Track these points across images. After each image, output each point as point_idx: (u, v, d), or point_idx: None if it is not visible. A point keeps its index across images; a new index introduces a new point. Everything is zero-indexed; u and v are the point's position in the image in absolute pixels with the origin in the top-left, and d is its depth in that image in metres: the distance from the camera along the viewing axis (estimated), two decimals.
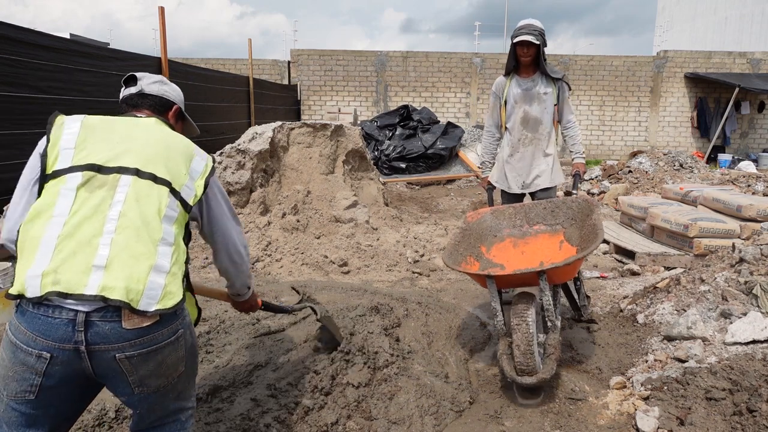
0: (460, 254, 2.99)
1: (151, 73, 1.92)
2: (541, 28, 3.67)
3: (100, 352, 1.41)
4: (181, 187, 1.62)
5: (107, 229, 1.46)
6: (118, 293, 1.39)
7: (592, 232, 2.90)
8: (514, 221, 3.40)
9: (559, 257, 3.11)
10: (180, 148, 1.70)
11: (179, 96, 1.94)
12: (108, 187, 1.52)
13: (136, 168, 1.56)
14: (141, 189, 1.54)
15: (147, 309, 1.42)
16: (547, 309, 2.65)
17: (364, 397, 2.48)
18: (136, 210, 1.51)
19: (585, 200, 3.30)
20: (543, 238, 3.30)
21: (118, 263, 1.43)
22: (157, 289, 1.45)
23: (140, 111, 1.82)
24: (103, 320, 1.40)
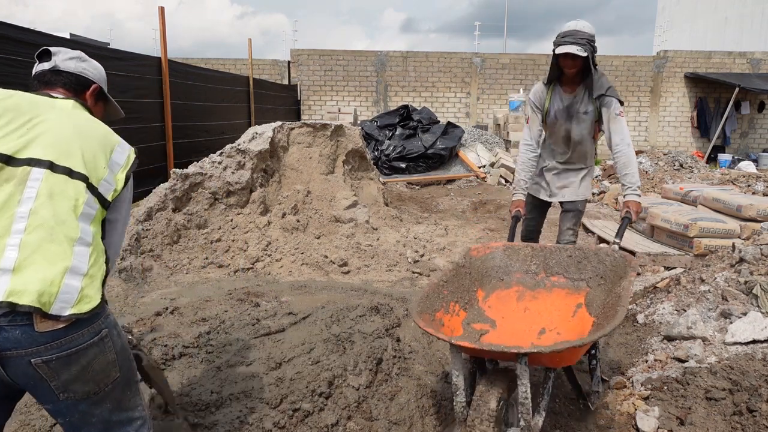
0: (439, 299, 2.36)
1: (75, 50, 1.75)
2: (589, 35, 3.07)
3: (13, 358, 1.29)
4: (99, 182, 1.47)
5: (16, 228, 1.32)
6: (27, 298, 1.26)
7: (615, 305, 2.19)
8: (529, 265, 2.75)
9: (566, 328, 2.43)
10: (99, 137, 1.54)
11: (100, 74, 1.76)
12: (17, 181, 1.36)
13: (49, 161, 1.40)
14: (55, 184, 1.39)
15: (60, 313, 1.30)
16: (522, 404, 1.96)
17: (365, 397, 2.48)
18: (50, 207, 1.36)
19: (623, 257, 2.58)
20: (558, 295, 2.63)
21: (28, 266, 1.29)
22: (72, 293, 1.32)
23: (54, 89, 1.64)
24: (12, 325, 1.27)
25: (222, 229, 5.11)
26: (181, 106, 7.05)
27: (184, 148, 7.03)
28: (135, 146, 1.74)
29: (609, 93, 3.18)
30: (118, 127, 2.13)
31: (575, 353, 2.05)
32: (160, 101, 6.51)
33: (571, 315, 2.49)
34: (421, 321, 2.07)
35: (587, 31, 3.07)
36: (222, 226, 5.12)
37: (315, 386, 2.44)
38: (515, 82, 15.49)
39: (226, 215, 5.20)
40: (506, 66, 15.61)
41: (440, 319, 2.29)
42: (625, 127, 3.20)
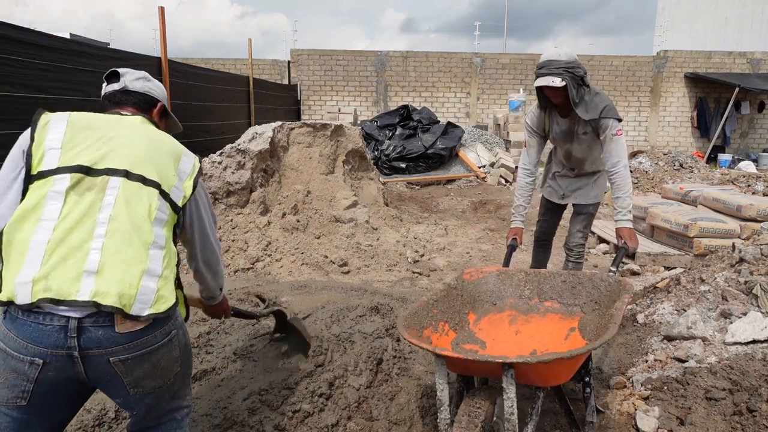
0: (428, 317, 2.33)
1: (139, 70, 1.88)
2: (566, 62, 3.00)
3: (93, 357, 1.40)
4: (170, 189, 1.59)
5: (98, 233, 1.44)
6: (110, 299, 1.38)
7: (607, 324, 2.17)
8: (523, 291, 2.74)
9: (558, 349, 2.40)
10: (167, 148, 1.66)
11: (163, 93, 1.90)
12: (97, 189, 1.49)
13: (125, 170, 1.53)
14: (131, 191, 1.51)
15: (140, 314, 1.41)
16: (507, 419, 1.86)
17: (365, 398, 2.48)
18: (126, 213, 1.48)
19: (618, 281, 2.55)
20: (551, 320, 2.62)
21: (109, 268, 1.41)
22: (149, 294, 1.44)
23: (124, 108, 1.77)
24: (96, 325, 1.38)
25: (222, 229, 5.11)
26: (181, 106, 7.05)
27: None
28: None
29: (604, 114, 3.10)
30: None
31: (564, 369, 1.99)
32: None
33: (563, 339, 2.47)
34: (406, 334, 2.03)
35: (563, 59, 3.01)
36: (222, 226, 5.13)
37: (315, 387, 2.44)
38: (515, 82, 15.49)
39: (226, 215, 5.20)
40: (506, 66, 15.61)
41: (428, 336, 2.25)
42: (622, 146, 3.14)
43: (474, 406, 1.96)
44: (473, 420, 1.90)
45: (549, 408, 2.58)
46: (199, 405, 2.32)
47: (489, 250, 5.77)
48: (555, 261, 5.42)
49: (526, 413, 2.16)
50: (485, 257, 5.51)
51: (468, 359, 1.89)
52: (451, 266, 5.16)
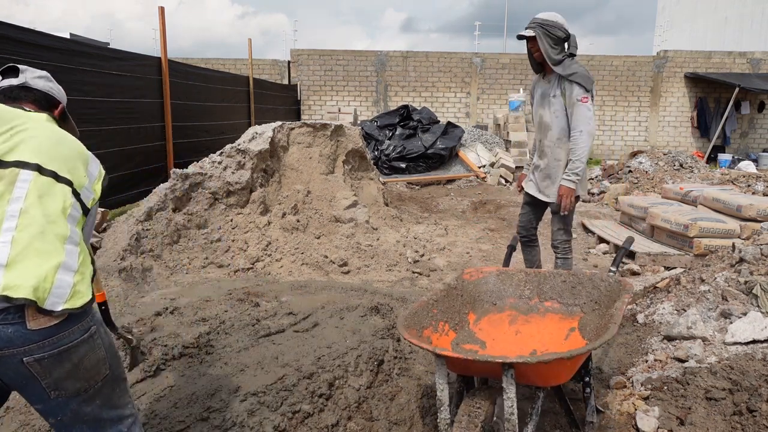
0: (428, 317, 2.33)
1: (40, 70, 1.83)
2: (543, 20, 3.36)
3: (5, 357, 1.31)
4: (81, 189, 1.54)
5: (7, 226, 1.35)
6: (23, 291, 1.29)
7: (607, 323, 2.19)
8: (523, 291, 2.74)
9: (557, 351, 2.38)
10: (76, 149, 1.61)
11: (63, 95, 1.84)
12: (6, 182, 1.40)
13: (36, 163, 1.45)
14: (43, 186, 1.44)
15: (53, 308, 1.33)
16: (507, 419, 1.85)
17: (365, 398, 2.48)
18: (40, 207, 1.41)
19: (618, 281, 2.56)
20: (551, 320, 2.61)
21: (21, 261, 1.33)
22: (65, 288, 1.36)
23: (24, 104, 1.69)
24: (4, 323, 1.30)
25: (222, 229, 5.11)
26: (181, 106, 7.06)
27: (184, 148, 7.03)
28: (135, 146, 1.81)
29: (573, 78, 3.33)
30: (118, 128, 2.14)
31: (564, 369, 1.99)
32: (160, 101, 6.51)
33: (563, 339, 2.47)
34: (406, 334, 2.03)
35: (542, 17, 3.40)
36: (222, 226, 5.12)
37: (315, 387, 2.44)
38: (515, 82, 15.49)
39: (226, 215, 5.20)
40: (506, 66, 15.60)
41: (428, 336, 2.25)
42: (584, 114, 3.32)
43: (474, 406, 1.96)
44: (473, 420, 1.90)
45: (549, 408, 2.58)
46: (198, 407, 2.32)
47: (489, 250, 5.77)
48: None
49: (526, 413, 2.16)
50: (485, 257, 5.51)
51: (468, 359, 1.89)
52: (451, 266, 5.16)
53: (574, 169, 3.36)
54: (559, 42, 3.39)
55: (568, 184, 3.37)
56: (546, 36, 3.37)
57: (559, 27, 3.39)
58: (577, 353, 1.85)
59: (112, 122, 5.61)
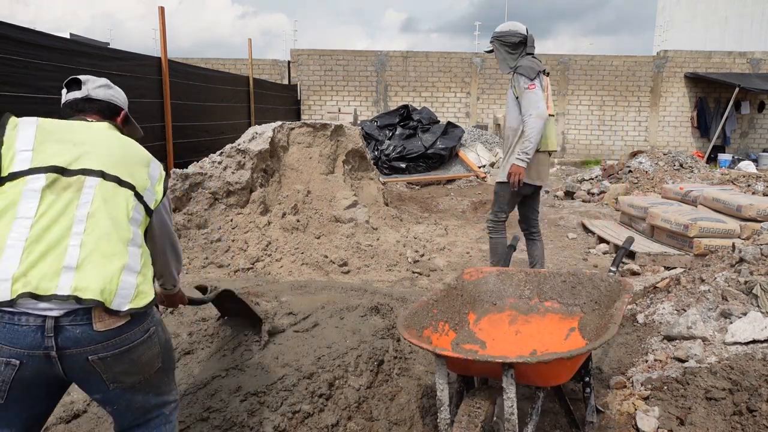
0: (428, 317, 2.33)
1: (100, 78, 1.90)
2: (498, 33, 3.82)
3: (71, 356, 1.40)
4: (143, 191, 1.62)
5: (76, 230, 1.45)
6: (91, 293, 1.38)
7: (607, 323, 2.20)
8: (523, 291, 2.75)
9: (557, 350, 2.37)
10: (138, 153, 1.70)
11: (124, 100, 1.92)
12: (74, 188, 1.50)
13: (100, 170, 1.55)
14: (107, 191, 1.53)
15: (120, 308, 1.42)
16: (507, 419, 1.85)
17: (365, 398, 2.48)
18: (104, 211, 1.50)
19: (618, 281, 2.56)
20: (551, 320, 2.61)
21: (89, 264, 1.42)
22: (129, 289, 1.45)
23: (88, 116, 1.78)
24: (73, 324, 1.38)
25: (222, 229, 5.11)
26: (181, 106, 7.05)
27: (184, 148, 7.03)
28: None
29: (518, 71, 3.70)
30: None
31: (564, 369, 1.99)
32: (160, 101, 6.51)
33: (563, 338, 2.48)
34: (406, 334, 2.03)
35: (498, 29, 3.84)
36: (222, 226, 5.12)
37: (315, 387, 2.44)
38: None
39: (226, 215, 5.20)
40: None
41: (428, 336, 2.25)
42: (530, 99, 3.65)
43: (474, 406, 1.96)
44: (473, 420, 1.90)
45: (549, 408, 2.58)
46: (198, 407, 2.32)
47: (489, 250, 5.76)
48: (555, 261, 5.43)
49: (526, 413, 2.16)
50: (485, 257, 5.51)
51: (468, 359, 1.90)
52: (451, 266, 5.16)
53: (525, 149, 3.67)
54: (516, 47, 3.80)
55: (518, 163, 3.68)
56: (502, 46, 3.82)
57: (514, 34, 3.79)
58: (577, 353, 1.85)
59: None
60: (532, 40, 3.82)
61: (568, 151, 15.95)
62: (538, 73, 3.69)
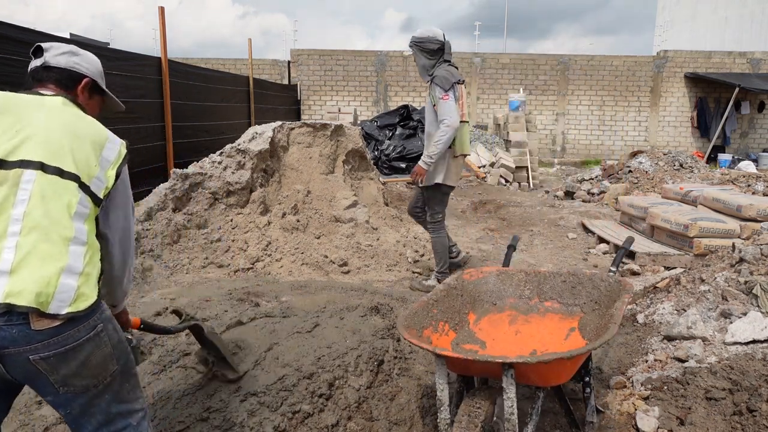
0: (428, 317, 2.32)
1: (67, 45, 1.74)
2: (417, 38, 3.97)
3: (11, 356, 1.32)
4: (90, 180, 1.48)
5: (11, 231, 1.34)
6: (25, 299, 1.29)
7: (607, 323, 2.20)
8: (523, 291, 2.75)
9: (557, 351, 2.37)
10: (89, 134, 1.54)
11: (95, 68, 1.73)
12: (10, 183, 1.38)
13: (40, 162, 1.42)
14: (47, 185, 1.41)
15: (58, 312, 1.33)
16: (507, 419, 1.85)
17: (365, 398, 2.48)
18: (42, 208, 1.38)
19: (618, 281, 2.56)
20: (551, 320, 2.61)
21: (25, 267, 1.32)
22: (69, 292, 1.35)
23: (45, 86, 1.63)
24: (8, 324, 1.30)
25: (222, 229, 5.11)
26: (181, 106, 7.05)
27: (184, 148, 7.03)
28: (135, 146, 1.74)
29: (434, 81, 3.92)
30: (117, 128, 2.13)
31: (564, 369, 1.98)
32: (160, 101, 6.51)
33: (563, 338, 2.47)
34: (406, 334, 2.03)
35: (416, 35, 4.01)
36: (222, 226, 5.12)
37: (315, 387, 2.44)
38: (515, 82, 15.49)
39: (226, 215, 5.20)
40: (506, 66, 15.61)
41: (428, 336, 2.24)
42: (444, 109, 3.88)
43: (474, 406, 1.96)
44: (473, 420, 1.90)
45: (549, 408, 2.58)
46: (197, 407, 2.32)
47: (489, 250, 5.77)
48: (555, 261, 5.43)
49: (526, 413, 2.16)
50: (485, 257, 5.51)
51: (468, 359, 1.90)
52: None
53: (430, 153, 3.97)
54: (434, 53, 3.97)
55: (422, 164, 4.00)
56: (421, 51, 3.98)
57: (432, 40, 3.96)
58: (577, 353, 1.85)
59: (112, 122, 5.57)
60: (449, 47, 4.03)
61: (568, 151, 15.95)
62: (453, 84, 3.91)
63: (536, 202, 8.60)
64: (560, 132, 15.83)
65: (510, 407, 1.85)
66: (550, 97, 15.72)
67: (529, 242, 6.15)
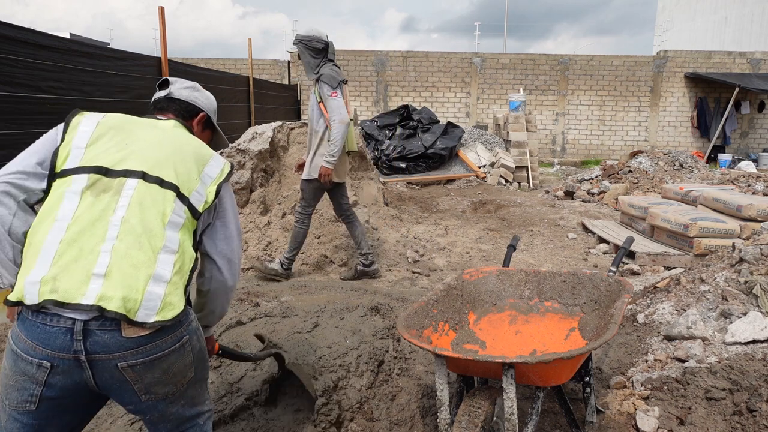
0: (428, 317, 2.34)
1: (191, 81, 1.90)
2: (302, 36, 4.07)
3: (101, 362, 1.36)
4: (190, 193, 1.54)
5: (110, 235, 1.41)
6: (114, 304, 1.34)
7: (607, 323, 2.20)
8: (522, 291, 2.76)
9: (557, 351, 2.37)
10: (194, 150, 1.62)
11: (210, 105, 1.89)
12: (113, 191, 1.46)
13: (142, 171, 1.50)
14: (146, 193, 1.48)
15: (145, 320, 1.37)
16: (507, 419, 1.87)
17: (366, 398, 2.48)
18: (139, 216, 1.45)
19: (618, 281, 2.56)
20: (551, 320, 2.62)
21: (117, 272, 1.37)
22: (155, 300, 1.39)
23: (165, 114, 1.77)
24: (102, 329, 1.35)
25: None
26: None
27: None
28: None
29: (321, 78, 4.06)
30: None
31: (564, 369, 1.99)
32: None
33: (563, 338, 2.47)
34: (406, 334, 2.03)
35: (302, 32, 4.11)
36: None
37: (317, 386, 2.44)
38: (515, 82, 15.49)
39: None
40: (506, 66, 15.60)
41: (428, 336, 2.25)
42: (335, 106, 4.03)
43: (474, 406, 1.95)
44: (473, 420, 1.90)
45: (549, 408, 2.58)
46: None
47: (489, 250, 5.77)
48: (555, 261, 5.43)
49: (526, 413, 2.17)
50: (485, 257, 5.51)
51: (468, 359, 1.89)
52: (451, 266, 5.16)
53: (331, 152, 4.03)
54: (319, 52, 4.11)
55: (326, 164, 4.05)
56: (306, 50, 4.09)
57: (317, 39, 4.08)
58: (577, 353, 1.85)
59: None
60: (333, 48, 4.18)
61: (568, 151, 15.95)
62: (339, 82, 4.08)
63: (536, 202, 8.60)
64: (560, 132, 15.83)
65: (510, 407, 1.85)
66: (550, 97, 15.73)
67: (529, 242, 6.15)
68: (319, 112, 4.15)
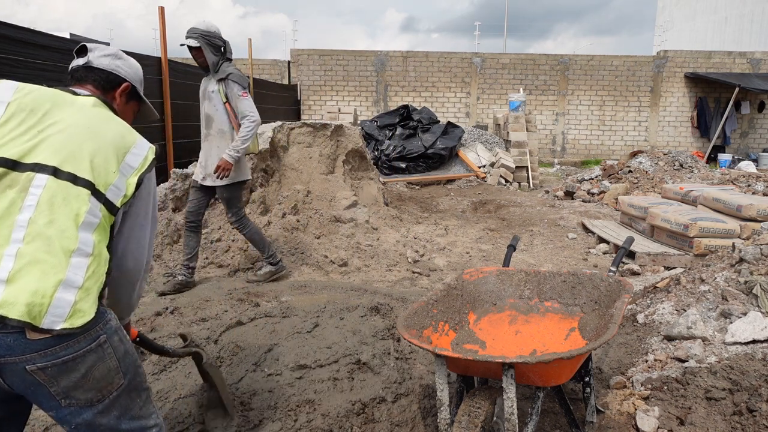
0: (428, 317, 2.33)
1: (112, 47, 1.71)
2: (203, 31, 3.88)
3: (7, 365, 1.26)
4: (106, 188, 1.40)
5: (15, 237, 1.27)
6: (17, 312, 1.22)
7: (607, 323, 2.20)
8: (522, 291, 2.75)
9: (557, 351, 2.37)
10: (114, 138, 1.46)
11: (135, 74, 1.70)
12: (20, 188, 1.32)
13: (53, 166, 1.35)
14: (57, 192, 1.34)
15: (52, 327, 1.25)
16: (507, 419, 1.86)
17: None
18: (48, 216, 1.31)
19: (618, 281, 2.55)
20: (551, 320, 2.62)
21: (22, 277, 1.25)
22: (64, 307, 1.27)
23: (82, 86, 1.60)
24: (5, 332, 1.24)
25: (222, 229, 5.11)
26: (181, 106, 7.05)
27: (184, 148, 7.03)
28: None
29: (230, 78, 3.93)
30: None
31: (564, 369, 1.98)
32: (160, 101, 6.51)
33: (563, 338, 2.47)
34: (406, 334, 2.01)
35: (202, 27, 3.89)
36: (222, 226, 5.12)
37: (318, 386, 2.44)
38: (515, 82, 15.49)
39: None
40: (506, 66, 15.61)
41: (428, 336, 2.24)
42: (245, 106, 3.94)
43: (474, 406, 1.95)
44: (473, 420, 1.90)
45: (549, 408, 2.58)
46: (198, 407, 2.32)
47: (489, 250, 5.77)
48: (555, 261, 5.43)
49: (526, 413, 2.16)
50: (485, 257, 5.51)
51: (468, 359, 1.89)
52: (451, 266, 5.16)
53: (237, 147, 3.90)
54: (218, 49, 3.97)
55: (227, 158, 3.88)
56: (208, 45, 3.92)
57: (218, 37, 3.96)
58: (577, 353, 1.84)
59: None
60: (230, 46, 4.10)
61: (568, 151, 15.95)
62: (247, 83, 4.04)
63: (536, 202, 8.60)
64: (560, 132, 15.84)
65: (510, 407, 1.85)
66: (550, 97, 15.73)
67: (529, 242, 6.15)
68: (224, 112, 3.99)
